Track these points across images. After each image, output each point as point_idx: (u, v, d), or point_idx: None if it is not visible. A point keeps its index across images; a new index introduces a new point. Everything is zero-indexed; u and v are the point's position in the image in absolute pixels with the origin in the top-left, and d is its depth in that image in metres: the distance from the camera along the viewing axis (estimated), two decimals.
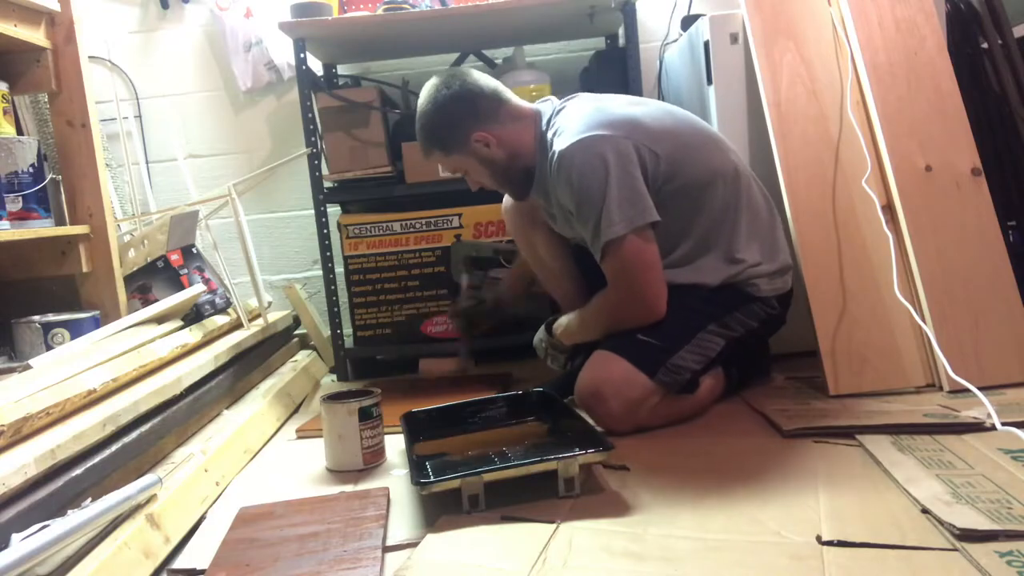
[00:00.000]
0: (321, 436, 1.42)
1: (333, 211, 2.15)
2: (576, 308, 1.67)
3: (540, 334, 1.70)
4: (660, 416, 1.47)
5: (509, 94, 1.56)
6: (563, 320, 1.63)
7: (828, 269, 1.61)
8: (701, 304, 1.50)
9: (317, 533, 1.08)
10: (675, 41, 2.25)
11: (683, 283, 1.50)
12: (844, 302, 1.59)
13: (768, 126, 1.70)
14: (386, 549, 1.04)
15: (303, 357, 2.19)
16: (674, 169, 1.47)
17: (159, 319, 1.72)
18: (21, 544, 0.89)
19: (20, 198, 1.73)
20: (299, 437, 1.62)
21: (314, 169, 2.05)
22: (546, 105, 1.57)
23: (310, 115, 2.05)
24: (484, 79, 1.54)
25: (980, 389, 1.32)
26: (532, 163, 1.54)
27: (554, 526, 1.06)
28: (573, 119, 1.48)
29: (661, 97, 2.32)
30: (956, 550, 0.91)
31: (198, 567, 1.04)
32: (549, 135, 1.51)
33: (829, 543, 0.95)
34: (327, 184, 2.09)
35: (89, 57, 1.93)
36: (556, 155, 1.45)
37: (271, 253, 2.51)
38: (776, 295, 1.56)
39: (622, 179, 1.40)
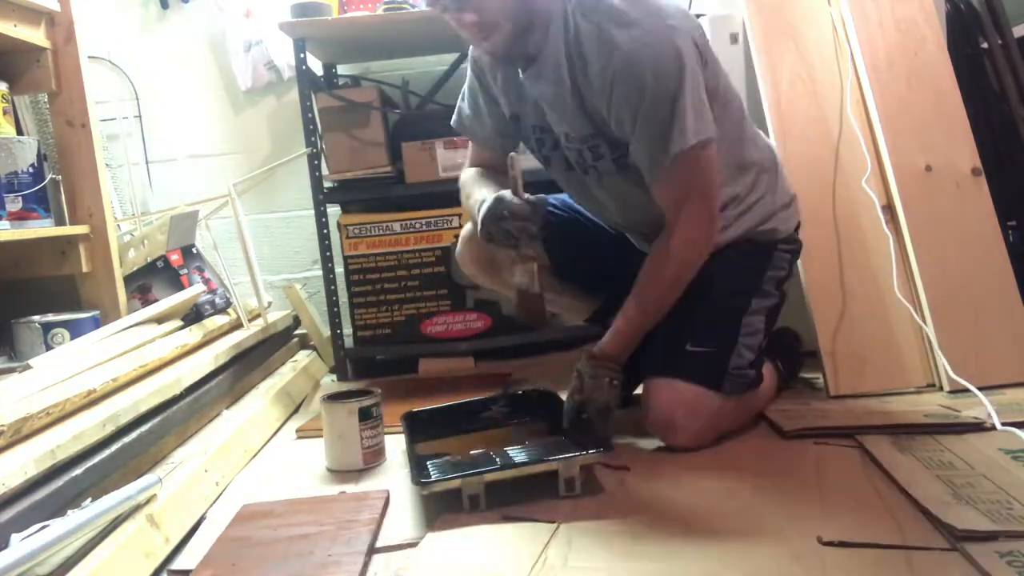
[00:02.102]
0: (321, 436, 1.42)
1: (333, 211, 2.15)
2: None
3: (585, 377, 1.33)
4: (738, 420, 1.41)
5: None
6: (605, 337, 1.37)
7: (828, 269, 1.61)
8: (734, 283, 1.40)
9: (308, 535, 1.08)
10: None
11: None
12: (844, 302, 1.59)
13: (768, 126, 1.70)
14: (380, 551, 1.04)
15: (303, 357, 2.19)
16: (711, 71, 1.32)
17: (159, 319, 1.72)
18: (21, 544, 0.89)
19: (20, 198, 1.73)
20: (299, 437, 1.62)
21: (314, 169, 2.05)
22: None
23: (310, 115, 2.05)
24: None
25: (980, 389, 1.32)
26: (541, 36, 1.29)
27: (554, 526, 1.06)
28: None
29: None
30: (956, 550, 0.91)
31: None
32: (571, 10, 1.26)
33: (830, 543, 0.95)
34: (327, 184, 2.09)
35: (89, 57, 1.93)
36: (616, 52, 1.21)
37: (271, 253, 2.51)
38: (795, 228, 1.51)
39: (695, 83, 1.23)
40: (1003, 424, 1.25)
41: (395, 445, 1.44)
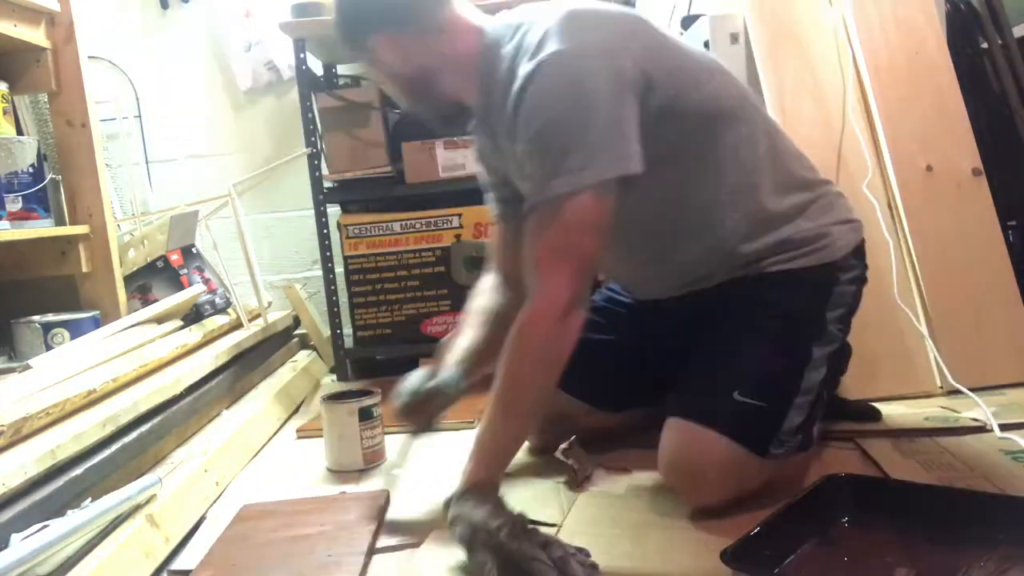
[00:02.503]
0: (321, 436, 1.42)
1: (333, 211, 2.15)
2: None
3: (460, 524, 0.96)
4: (764, 483, 1.12)
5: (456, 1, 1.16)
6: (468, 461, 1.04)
7: None
8: (796, 322, 1.16)
9: (308, 536, 1.08)
10: None
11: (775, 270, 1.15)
12: None
13: None
14: (380, 551, 1.04)
15: (303, 357, 2.19)
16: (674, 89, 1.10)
17: (159, 319, 1.72)
18: (21, 544, 0.89)
19: (20, 198, 1.73)
20: (299, 437, 1.61)
21: (314, 169, 2.05)
22: (506, 27, 1.13)
23: (310, 115, 2.05)
24: None
25: (981, 390, 1.32)
26: (458, 87, 1.16)
27: (555, 527, 1.06)
28: (550, 23, 1.05)
29: None
30: None
31: None
32: (510, 55, 1.09)
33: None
34: (327, 184, 2.09)
35: (89, 57, 1.93)
36: (527, 74, 1.03)
37: (271, 253, 2.51)
38: (856, 245, 1.23)
39: (603, 110, 1.01)
40: (1003, 426, 1.25)
41: (395, 445, 1.44)
